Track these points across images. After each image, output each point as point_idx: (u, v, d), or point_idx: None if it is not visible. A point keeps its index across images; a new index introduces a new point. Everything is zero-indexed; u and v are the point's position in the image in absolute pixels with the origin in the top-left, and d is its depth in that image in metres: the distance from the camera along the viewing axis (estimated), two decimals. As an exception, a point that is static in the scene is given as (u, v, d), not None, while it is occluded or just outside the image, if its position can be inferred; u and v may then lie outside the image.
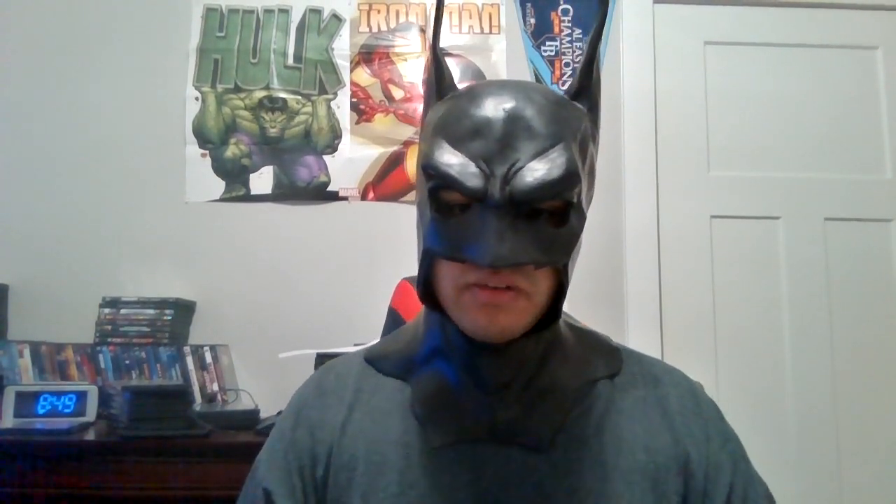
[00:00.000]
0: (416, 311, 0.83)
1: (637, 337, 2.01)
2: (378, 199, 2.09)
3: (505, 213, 0.63)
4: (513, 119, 0.65)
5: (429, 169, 0.66)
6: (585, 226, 0.69)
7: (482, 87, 0.71)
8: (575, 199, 0.66)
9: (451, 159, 0.65)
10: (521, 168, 0.63)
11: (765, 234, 2.12)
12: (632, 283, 2.07)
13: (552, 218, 0.66)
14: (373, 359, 0.81)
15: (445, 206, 0.67)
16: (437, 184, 0.66)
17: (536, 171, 0.63)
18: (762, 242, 2.12)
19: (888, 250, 2.13)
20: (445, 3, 2.15)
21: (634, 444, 0.71)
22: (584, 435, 0.71)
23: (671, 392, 0.76)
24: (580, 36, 2.16)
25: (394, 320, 1.50)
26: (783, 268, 2.11)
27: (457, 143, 0.66)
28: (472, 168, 0.64)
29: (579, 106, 0.71)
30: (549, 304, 0.70)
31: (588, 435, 0.71)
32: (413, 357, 0.77)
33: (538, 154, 0.64)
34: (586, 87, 0.72)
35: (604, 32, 2.18)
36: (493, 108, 0.66)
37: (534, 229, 0.64)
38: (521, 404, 0.71)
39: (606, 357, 0.78)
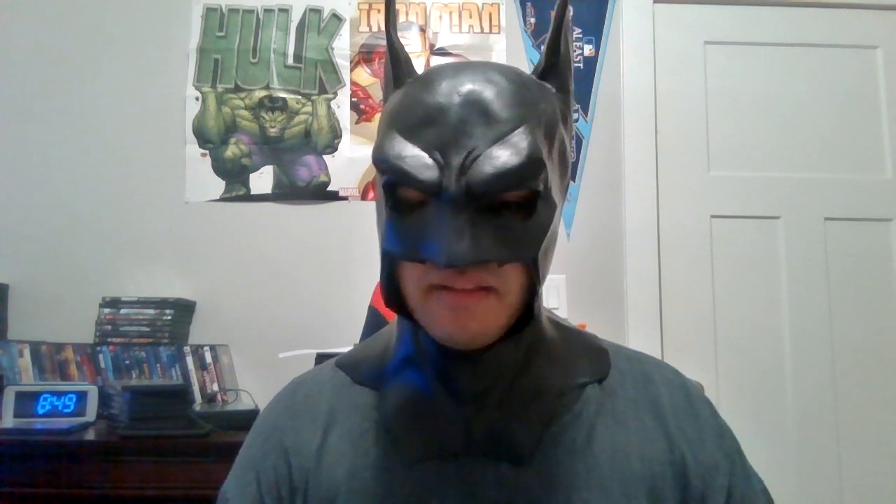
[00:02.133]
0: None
1: (637, 337, 2.01)
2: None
3: (463, 206, 0.58)
4: (469, 103, 0.60)
5: (380, 163, 0.61)
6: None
7: (437, 71, 0.64)
8: (542, 188, 0.61)
9: (402, 151, 0.60)
10: (478, 156, 0.58)
11: (765, 234, 2.12)
12: (632, 283, 2.07)
13: (518, 210, 0.61)
14: (344, 366, 0.76)
15: (404, 203, 0.61)
16: (390, 179, 0.61)
17: (495, 158, 0.58)
18: (762, 242, 2.12)
19: (888, 250, 2.13)
20: (445, 2, 2.16)
21: (629, 451, 0.67)
22: (575, 444, 0.66)
23: (663, 391, 0.71)
24: (580, 36, 2.16)
25: (374, 318, 1.50)
26: (783, 268, 2.11)
27: (409, 134, 0.60)
28: (426, 159, 0.59)
29: (547, 86, 0.66)
30: (525, 303, 0.65)
31: (580, 444, 0.66)
32: (386, 366, 0.72)
33: (497, 140, 0.59)
34: (554, 64, 0.66)
35: (604, 31, 2.16)
36: (448, 94, 0.61)
37: (497, 223, 0.59)
38: (501, 413, 0.66)
39: (594, 359, 0.73)
